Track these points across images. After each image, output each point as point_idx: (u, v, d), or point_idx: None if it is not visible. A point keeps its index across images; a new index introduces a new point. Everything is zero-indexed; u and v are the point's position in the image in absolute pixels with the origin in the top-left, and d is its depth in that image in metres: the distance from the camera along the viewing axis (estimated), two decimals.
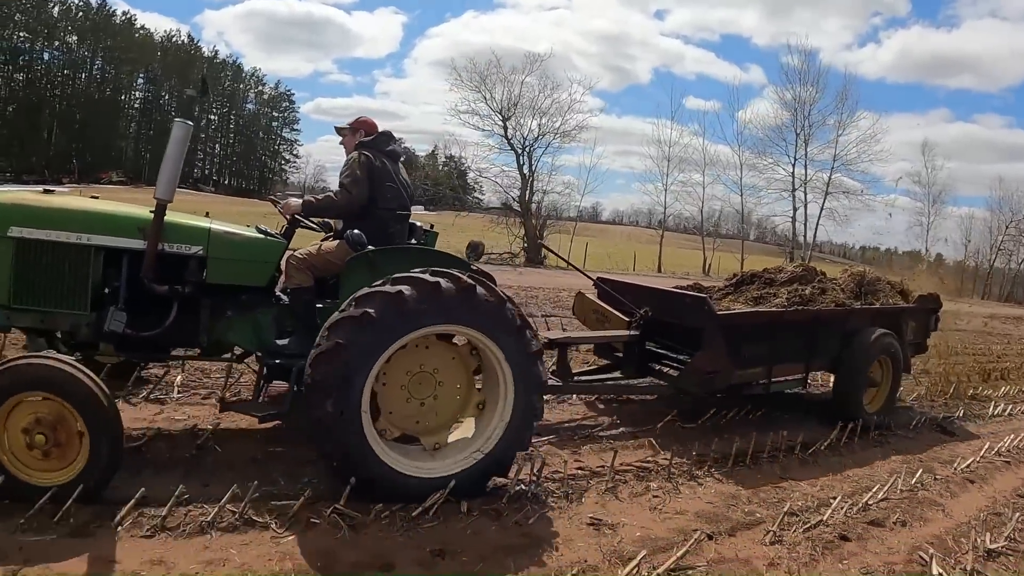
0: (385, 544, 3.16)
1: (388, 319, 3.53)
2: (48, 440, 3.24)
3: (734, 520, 3.74)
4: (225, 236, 4.10)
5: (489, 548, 3.20)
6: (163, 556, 2.91)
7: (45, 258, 3.73)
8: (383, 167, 4.40)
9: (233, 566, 2.88)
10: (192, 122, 3.94)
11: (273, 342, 4.14)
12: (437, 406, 4.02)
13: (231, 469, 3.86)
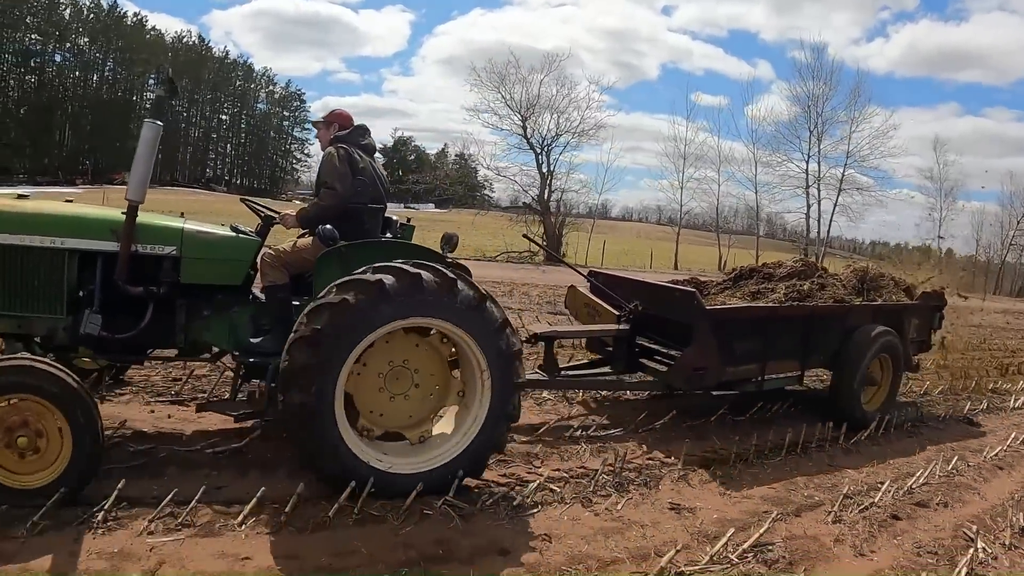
0: (496, 531, 3.41)
1: (367, 308, 3.53)
2: (30, 443, 3.23)
3: (797, 503, 4.10)
4: (199, 236, 4.10)
5: (590, 532, 3.51)
6: (294, 551, 3.07)
7: (20, 263, 3.73)
8: (359, 160, 4.39)
9: (362, 557, 3.05)
10: (161, 122, 3.89)
11: (249, 341, 4.13)
12: (417, 398, 4.02)
13: (264, 466, 3.98)
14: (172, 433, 4.40)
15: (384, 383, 3.92)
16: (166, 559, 2.89)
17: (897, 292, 7.09)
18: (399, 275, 3.59)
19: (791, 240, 40.81)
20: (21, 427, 3.21)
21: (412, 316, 3.68)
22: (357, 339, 3.55)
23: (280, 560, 2.98)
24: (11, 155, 59.64)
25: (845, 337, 6.12)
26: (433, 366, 4.07)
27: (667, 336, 5.71)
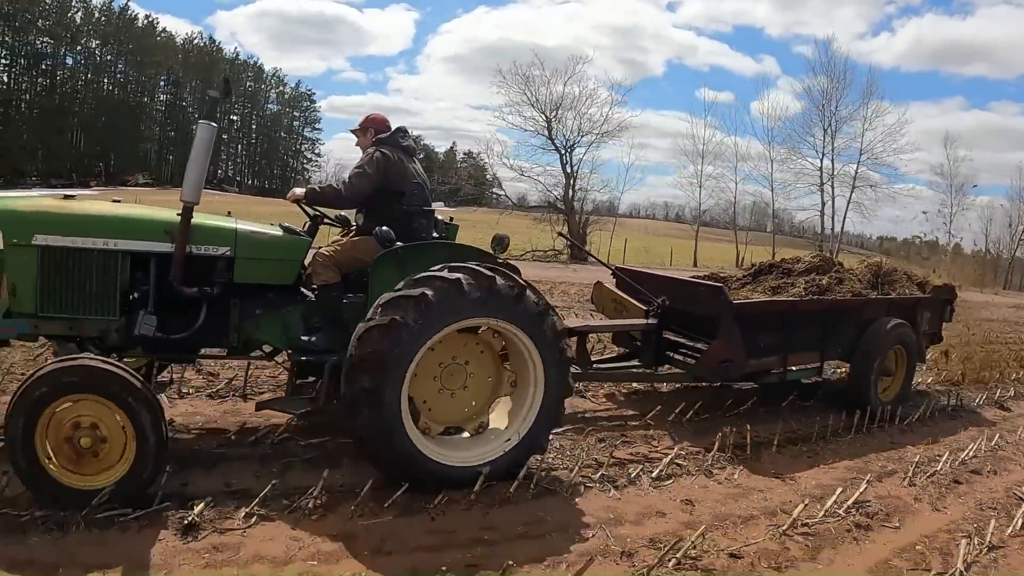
0: (647, 499, 4.06)
1: (444, 303, 3.65)
2: (92, 444, 3.25)
3: (876, 471, 4.83)
4: (252, 236, 4.14)
5: (720, 496, 4.18)
6: (391, 533, 3.38)
7: (71, 265, 3.73)
8: (401, 163, 4.45)
9: (466, 536, 3.41)
10: (216, 123, 3.93)
11: (301, 339, 4.20)
12: (471, 393, 4.18)
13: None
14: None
15: (440, 380, 4.06)
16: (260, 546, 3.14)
17: (910, 286, 7.34)
18: (477, 277, 3.75)
19: (804, 237, 41.41)
20: (84, 427, 3.24)
21: (482, 315, 3.83)
22: (432, 332, 3.67)
23: (384, 543, 3.28)
24: (24, 157, 60.06)
25: (862, 330, 6.36)
26: (484, 360, 4.22)
27: (693, 330, 5.93)
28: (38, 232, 3.65)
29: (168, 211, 4.09)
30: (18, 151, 59.16)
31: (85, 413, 3.25)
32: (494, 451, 4.02)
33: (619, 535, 3.56)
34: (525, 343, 3.99)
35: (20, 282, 3.69)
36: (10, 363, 5.53)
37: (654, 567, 3.17)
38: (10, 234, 3.66)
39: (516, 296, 3.87)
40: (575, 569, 3.02)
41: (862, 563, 3.51)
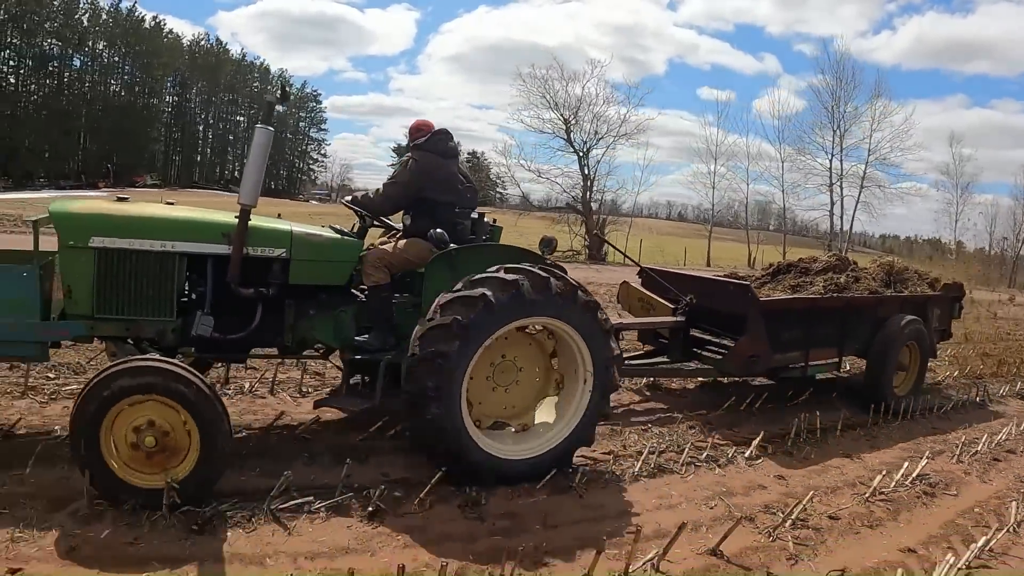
0: (726, 481, 4.60)
1: (502, 303, 3.77)
2: (157, 442, 3.29)
3: (926, 451, 5.47)
4: (307, 238, 4.20)
5: (806, 472, 4.82)
6: (552, 509, 3.78)
7: (129, 267, 3.76)
8: (442, 167, 4.51)
9: (615, 511, 3.96)
10: (272, 128, 3.98)
11: (354, 338, 4.28)
12: (520, 390, 4.33)
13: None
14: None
15: (493, 377, 4.20)
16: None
17: (921, 284, 7.67)
18: (532, 278, 3.90)
19: (810, 235, 42.14)
20: (149, 427, 3.28)
21: (537, 315, 3.98)
22: (491, 331, 3.82)
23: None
24: (32, 159, 60.36)
25: (877, 326, 6.64)
26: (534, 360, 4.38)
27: (719, 327, 6.20)
28: (95, 234, 3.68)
29: (223, 213, 4.19)
30: (26, 153, 59.40)
31: (150, 413, 3.29)
32: (546, 444, 4.18)
33: (736, 504, 4.21)
34: (576, 340, 4.15)
35: (76, 284, 3.72)
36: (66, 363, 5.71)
37: (777, 527, 3.86)
38: (67, 236, 3.69)
39: (568, 295, 4.01)
40: (720, 532, 3.61)
41: (934, 522, 4.24)
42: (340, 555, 3.20)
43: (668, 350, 6.57)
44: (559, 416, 4.30)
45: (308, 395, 5.54)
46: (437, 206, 4.47)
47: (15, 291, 3.59)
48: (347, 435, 4.66)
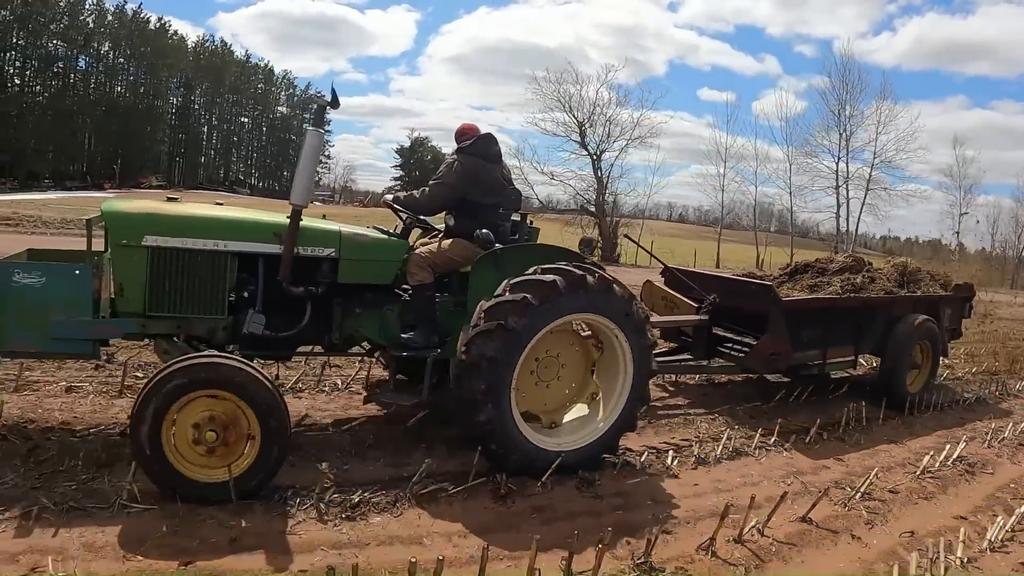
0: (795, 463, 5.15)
1: (543, 304, 3.92)
2: (218, 438, 3.36)
3: (959, 437, 6.00)
4: (355, 238, 4.31)
5: (859, 455, 5.36)
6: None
7: (181, 265, 3.81)
8: (485, 170, 4.62)
9: (711, 487, 4.44)
10: (323, 131, 4.05)
11: (400, 336, 4.39)
12: (560, 385, 4.49)
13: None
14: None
15: (537, 373, 4.35)
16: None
17: (933, 284, 7.85)
18: (568, 276, 4.05)
19: (811, 236, 42.70)
20: (210, 422, 3.36)
21: (576, 312, 4.14)
22: (534, 332, 3.98)
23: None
24: (38, 160, 60.55)
25: (891, 325, 6.82)
26: (576, 360, 4.57)
27: (741, 325, 6.39)
28: (148, 233, 3.75)
29: (272, 214, 4.32)
30: (31, 154, 59.58)
31: (212, 408, 3.37)
32: (593, 433, 4.39)
33: (808, 481, 4.74)
34: (615, 332, 4.31)
35: (128, 282, 3.78)
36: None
37: (850, 499, 4.44)
38: (119, 235, 3.76)
39: (605, 291, 4.18)
40: (803, 504, 4.15)
41: (977, 495, 4.83)
42: (487, 532, 3.49)
43: (692, 348, 6.74)
44: (605, 405, 4.47)
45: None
46: (481, 208, 4.59)
47: (68, 289, 3.64)
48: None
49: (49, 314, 3.60)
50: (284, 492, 3.65)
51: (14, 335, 3.63)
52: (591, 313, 4.21)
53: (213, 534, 3.21)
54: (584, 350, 4.62)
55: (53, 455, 3.87)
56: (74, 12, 65.07)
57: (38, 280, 3.59)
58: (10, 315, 3.58)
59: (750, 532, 3.78)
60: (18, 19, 60.32)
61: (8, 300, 3.56)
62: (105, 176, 62.45)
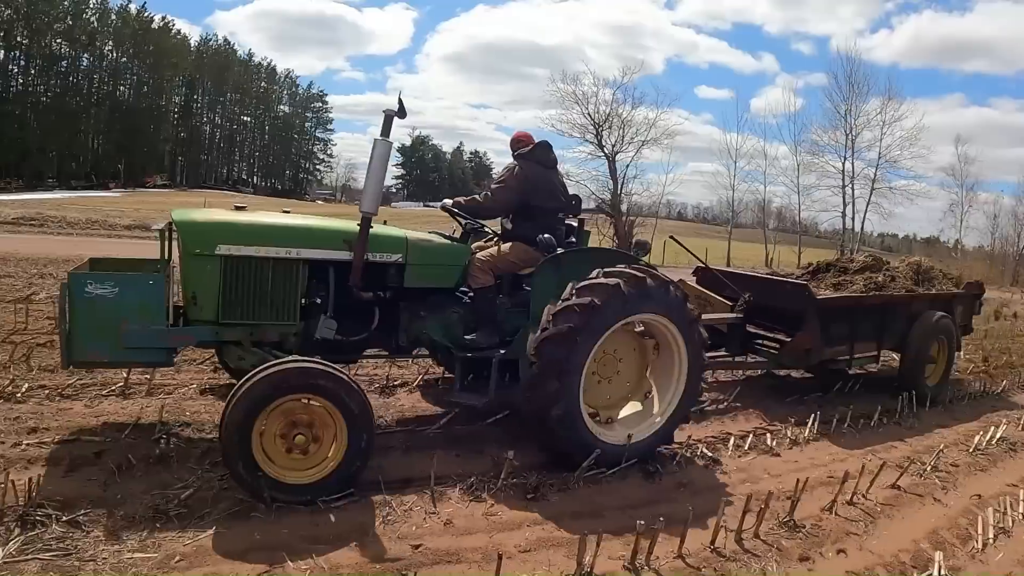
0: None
1: (607, 306, 4.04)
2: (307, 440, 3.40)
3: (996, 421, 6.50)
4: (421, 244, 4.40)
5: (917, 436, 5.95)
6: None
7: (253, 273, 3.86)
8: (544, 175, 4.75)
9: (803, 466, 4.94)
10: (391, 140, 4.10)
11: (463, 338, 4.50)
12: (619, 380, 4.63)
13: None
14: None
15: (597, 370, 4.45)
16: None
17: (946, 282, 8.09)
18: (629, 278, 4.19)
19: (815, 235, 43.07)
20: (300, 425, 3.41)
21: (637, 313, 4.28)
22: (600, 334, 4.13)
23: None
24: (43, 160, 60.84)
25: (910, 322, 7.06)
26: (632, 358, 4.70)
27: (773, 322, 6.63)
28: (221, 242, 3.77)
29: (341, 221, 4.38)
30: (37, 153, 59.80)
31: (300, 412, 3.42)
32: (649, 427, 4.56)
33: (884, 457, 5.17)
34: (671, 329, 4.49)
35: (201, 291, 3.80)
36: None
37: (923, 471, 5.01)
38: (192, 244, 3.78)
39: (664, 292, 4.35)
40: (889, 475, 4.65)
41: (1022, 468, 5.52)
42: (644, 506, 3.99)
43: (727, 344, 6.95)
44: (660, 399, 4.65)
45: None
46: (540, 212, 4.74)
47: (143, 298, 3.68)
48: None
49: (123, 324, 3.61)
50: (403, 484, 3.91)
51: (88, 345, 3.63)
52: (651, 313, 4.36)
53: (442, 520, 3.60)
54: (639, 347, 4.76)
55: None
56: (77, 11, 65.35)
57: (111, 290, 3.61)
58: (83, 326, 3.59)
59: (857, 497, 4.42)
60: (23, 17, 60.37)
61: (81, 311, 3.59)
62: (110, 175, 62.72)
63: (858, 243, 32.79)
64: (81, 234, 19.68)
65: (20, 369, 5.47)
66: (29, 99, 63.05)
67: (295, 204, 49.49)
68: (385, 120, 4.08)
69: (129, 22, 70.04)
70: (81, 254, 8.75)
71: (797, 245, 35.81)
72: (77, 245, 15.86)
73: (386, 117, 4.07)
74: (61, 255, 12.94)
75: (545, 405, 4.03)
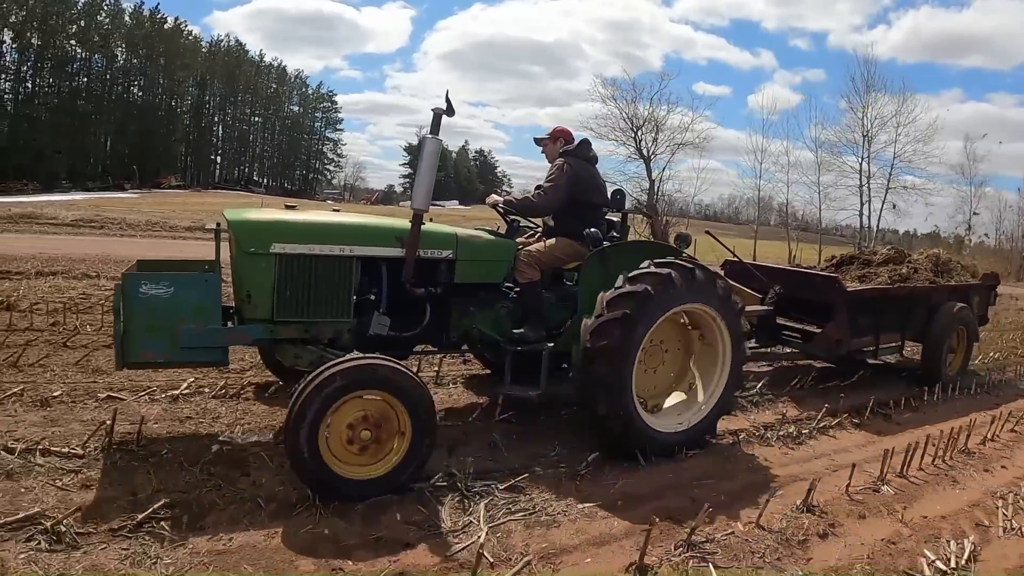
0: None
1: (660, 295, 4.12)
2: (372, 436, 3.40)
3: (1021, 405, 6.87)
4: (470, 240, 4.46)
5: (953, 416, 6.23)
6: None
7: (308, 271, 3.87)
8: (589, 171, 4.82)
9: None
10: (440, 138, 4.03)
11: (512, 331, 4.57)
12: (662, 373, 4.72)
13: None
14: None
15: (644, 359, 4.46)
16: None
17: (963, 273, 8.24)
18: (680, 270, 4.28)
19: (841, 235, 42.96)
20: (366, 421, 3.40)
21: (687, 303, 4.36)
22: (653, 321, 4.20)
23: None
24: (57, 161, 60.61)
25: (931, 313, 7.23)
26: (677, 348, 4.79)
27: (802, 314, 6.78)
28: (275, 241, 3.80)
29: (392, 219, 4.45)
30: (51, 155, 59.79)
31: (365, 408, 3.40)
32: (696, 415, 4.63)
33: (926, 434, 5.28)
34: (716, 320, 4.57)
35: (256, 289, 3.81)
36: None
37: (960, 449, 5.27)
38: (247, 243, 3.79)
39: (711, 283, 4.45)
40: (930, 452, 4.96)
41: None
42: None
43: (756, 335, 7.05)
44: (705, 388, 4.74)
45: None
46: (586, 207, 4.81)
47: (198, 298, 3.70)
48: None
49: (179, 323, 3.64)
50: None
51: (144, 345, 3.64)
52: (699, 303, 4.44)
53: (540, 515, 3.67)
54: (684, 339, 4.84)
55: None
56: (91, 12, 65.32)
57: (167, 291, 3.62)
58: (139, 325, 3.60)
59: (905, 470, 4.70)
60: (37, 19, 60.29)
61: (137, 311, 3.59)
62: (123, 176, 62.69)
63: (874, 240, 33.28)
64: (144, 235, 19.87)
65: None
66: (42, 100, 63.03)
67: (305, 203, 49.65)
68: (434, 118, 4.07)
69: (142, 23, 70.10)
70: (163, 254, 8.99)
71: (818, 243, 36.42)
72: (155, 246, 16.19)
73: (435, 115, 4.06)
74: (136, 256, 13.57)
75: (599, 391, 4.11)
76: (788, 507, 3.97)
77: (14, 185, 48.58)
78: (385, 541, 3.19)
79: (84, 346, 6.27)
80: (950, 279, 8.02)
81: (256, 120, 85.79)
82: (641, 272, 4.22)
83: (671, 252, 4.71)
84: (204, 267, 4.22)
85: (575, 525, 3.58)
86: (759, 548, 3.47)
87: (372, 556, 3.06)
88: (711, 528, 3.62)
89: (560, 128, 5.14)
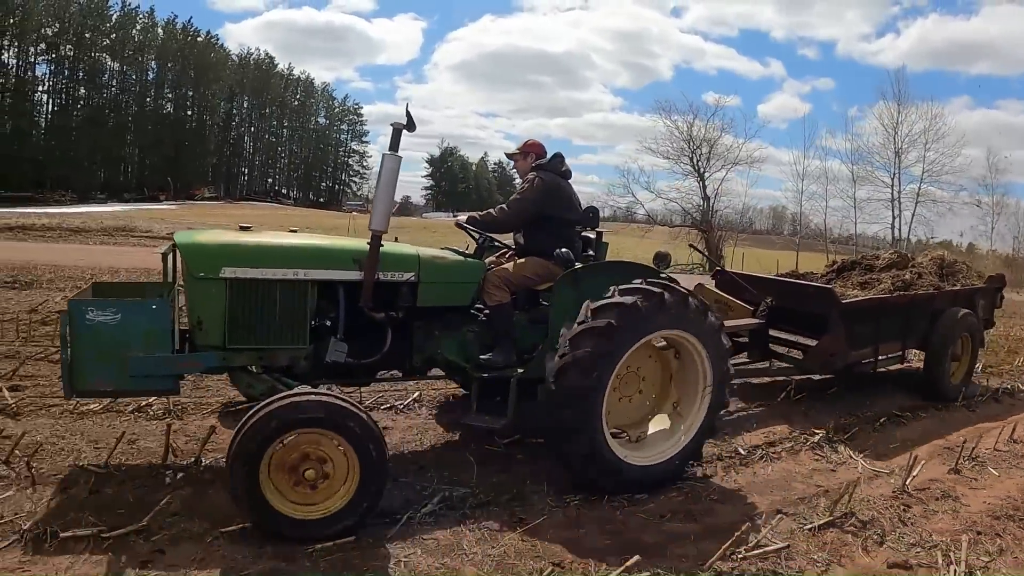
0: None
1: (626, 327, 3.87)
2: (317, 475, 3.24)
3: None
4: (434, 261, 4.23)
5: (970, 423, 6.24)
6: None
7: (261, 296, 3.68)
8: (561, 186, 4.62)
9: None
10: (400, 155, 3.84)
11: (479, 357, 4.32)
12: (641, 399, 4.50)
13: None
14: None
15: (619, 387, 4.30)
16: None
17: (970, 275, 7.89)
18: (646, 296, 4.00)
19: (873, 248, 43.91)
20: (310, 460, 3.24)
21: (659, 330, 4.10)
22: (620, 355, 3.98)
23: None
24: (91, 173, 61.92)
25: (934, 319, 6.84)
26: (655, 373, 4.57)
27: (796, 326, 6.43)
28: (225, 265, 3.60)
29: (349, 240, 4.31)
30: (87, 167, 61.03)
31: (309, 446, 3.24)
32: (676, 445, 4.35)
33: (942, 444, 5.63)
34: (693, 343, 4.29)
35: (207, 315, 3.63)
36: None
37: (1007, 442, 5.70)
38: (196, 267, 3.60)
39: (683, 305, 4.14)
40: (948, 460, 5.17)
41: None
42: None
43: (748, 350, 6.79)
44: (686, 414, 4.46)
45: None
46: (557, 224, 4.61)
47: (146, 325, 3.51)
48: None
49: (127, 352, 3.45)
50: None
51: (91, 375, 3.49)
52: (671, 329, 4.18)
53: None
54: (662, 361, 4.62)
55: None
56: (123, 25, 66.44)
57: (113, 317, 3.44)
58: (86, 354, 3.45)
59: (906, 485, 4.68)
60: (73, 31, 61.37)
61: (84, 339, 3.43)
62: (157, 188, 63.46)
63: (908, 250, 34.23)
64: None
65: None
66: (77, 112, 63.97)
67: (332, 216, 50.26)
68: (393, 133, 3.87)
69: (175, 36, 71.01)
70: None
71: (825, 253, 37.28)
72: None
73: (394, 130, 3.86)
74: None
75: (566, 434, 3.94)
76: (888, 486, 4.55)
77: (51, 196, 49.84)
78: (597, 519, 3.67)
79: None
80: (956, 282, 7.68)
81: (284, 132, 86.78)
82: (605, 303, 3.98)
83: (647, 272, 4.47)
84: (159, 292, 4.06)
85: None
86: None
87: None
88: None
89: (532, 142, 4.93)
